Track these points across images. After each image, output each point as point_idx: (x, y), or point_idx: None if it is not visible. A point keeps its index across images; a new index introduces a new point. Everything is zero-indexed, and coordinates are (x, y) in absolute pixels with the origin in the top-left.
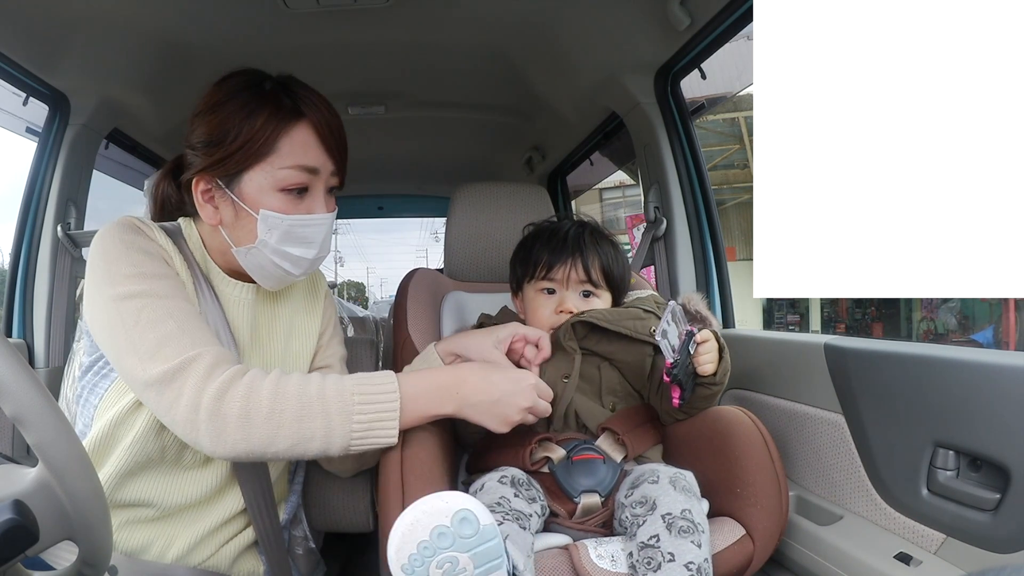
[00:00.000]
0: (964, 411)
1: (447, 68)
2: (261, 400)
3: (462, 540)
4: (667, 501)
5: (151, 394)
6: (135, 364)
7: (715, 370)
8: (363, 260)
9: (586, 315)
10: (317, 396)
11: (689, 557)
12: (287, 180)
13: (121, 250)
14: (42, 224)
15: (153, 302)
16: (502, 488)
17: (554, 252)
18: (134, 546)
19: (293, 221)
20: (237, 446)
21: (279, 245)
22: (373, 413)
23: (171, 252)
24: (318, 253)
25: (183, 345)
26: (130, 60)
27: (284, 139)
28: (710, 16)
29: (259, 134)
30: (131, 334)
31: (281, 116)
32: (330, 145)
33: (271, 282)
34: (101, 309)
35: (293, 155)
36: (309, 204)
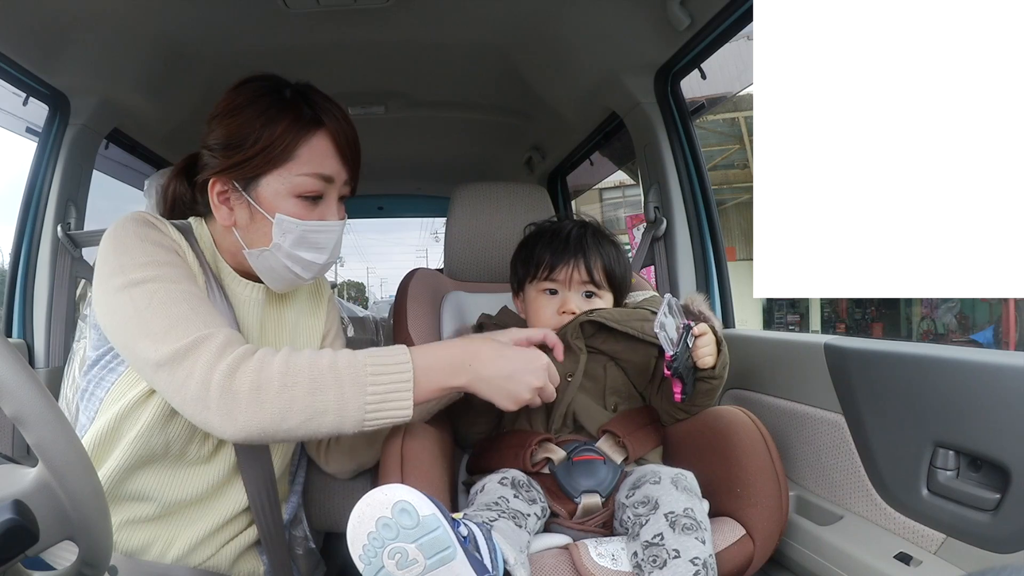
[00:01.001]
0: (964, 411)
1: (447, 68)
2: (272, 374)
3: (405, 531)
4: (669, 500)
5: (163, 375)
6: (147, 346)
7: (715, 363)
8: (363, 260)
9: (595, 315)
10: (329, 368)
11: (694, 552)
12: (303, 187)
13: (134, 241)
14: (42, 224)
15: (165, 286)
16: (502, 489)
17: (556, 253)
18: (134, 546)
19: (307, 227)
20: (249, 423)
21: (292, 249)
22: (387, 384)
23: (184, 248)
24: (328, 259)
25: (195, 325)
26: (130, 60)
27: (303, 146)
28: (710, 16)
29: (279, 140)
30: (143, 317)
31: (301, 124)
32: (346, 155)
33: (280, 284)
34: (113, 298)
35: (311, 163)
36: (322, 211)
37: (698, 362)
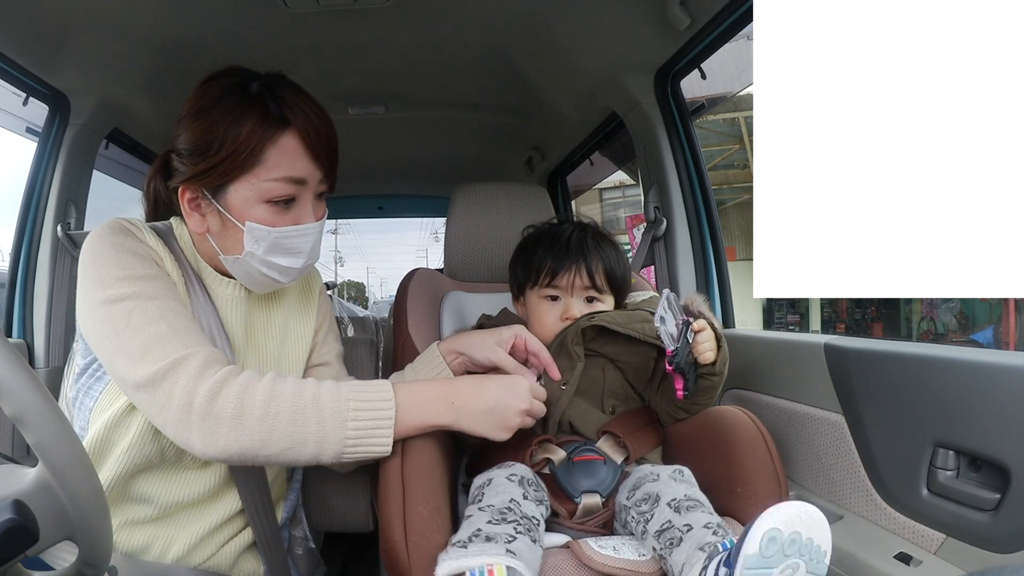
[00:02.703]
0: (964, 411)
1: (447, 68)
2: (255, 401)
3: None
4: (669, 491)
5: (142, 396)
6: (126, 367)
7: (715, 359)
8: (363, 260)
9: (597, 319)
10: (312, 400)
11: (705, 520)
12: (273, 192)
13: (110, 253)
14: (42, 224)
15: (142, 304)
16: (511, 487)
17: (557, 259)
18: (134, 547)
19: (280, 233)
20: (229, 447)
21: (266, 256)
22: (368, 420)
23: (161, 253)
24: (307, 261)
25: (173, 346)
26: (130, 60)
27: (270, 149)
28: (710, 16)
29: (244, 145)
30: (121, 336)
31: (267, 125)
32: (318, 153)
33: (260, 288)
34: (92, 313)
35: (280, 166)
36: (296, 214)
37: (699, 357)
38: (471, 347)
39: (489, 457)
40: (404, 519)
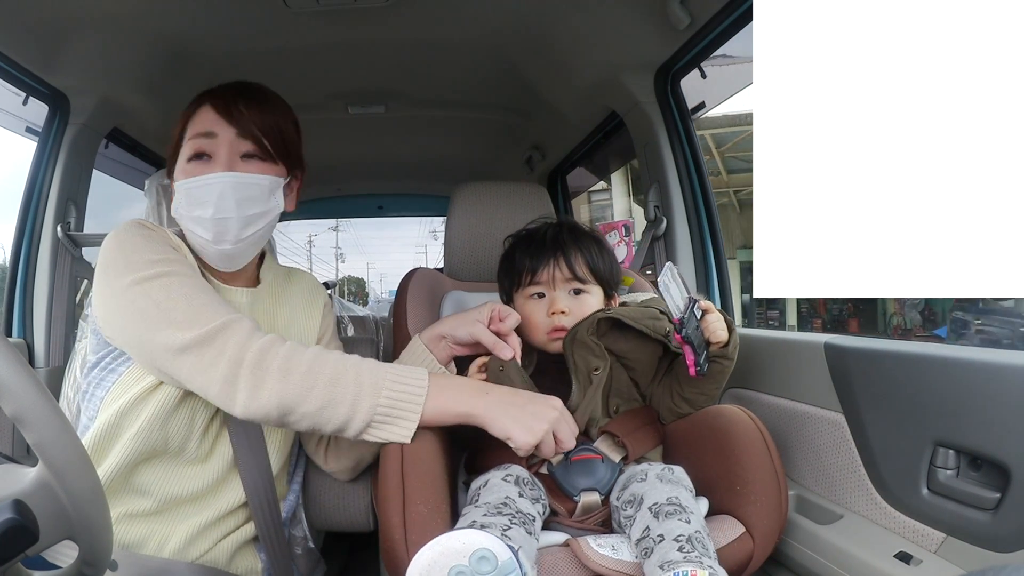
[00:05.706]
0: (964, 410)
1: (447, 67)
2: (302, 359)
3: None
4: (653, 493)
5: (187, 359)
6: (170, 334)
7: (727, 339)
8: (363, 256)
9: (612, 312)
10: (354, 366)
11: (677, 532)
12: (189, 150)
13: (140, 240)
14: (42, 224)
15: (180, 279)
16: (506, 487)
17: (535, 256)
18: (131, 539)
19: (189, 184)
20: (271, 400)
21: (187, 212)
22: (401, 393)
23: (185, 251)
24: (214, 212)
25: (219, 312)
26: (130, 60)
27: (190, 123)
28: (710, 15)
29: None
30: (162, 307)
31: (190, 107)
32: (230, 112)
33: (220, 262)
34: (122, 295)
35: (192, 129)
36: (211, 168)
37: (711, 336)
38: (453, 327)
39: (488, 455)
40: (404, 518)
